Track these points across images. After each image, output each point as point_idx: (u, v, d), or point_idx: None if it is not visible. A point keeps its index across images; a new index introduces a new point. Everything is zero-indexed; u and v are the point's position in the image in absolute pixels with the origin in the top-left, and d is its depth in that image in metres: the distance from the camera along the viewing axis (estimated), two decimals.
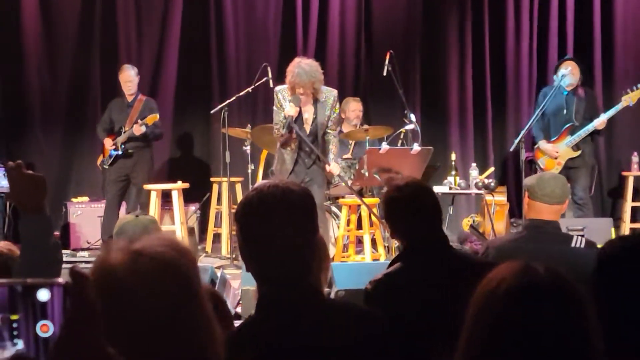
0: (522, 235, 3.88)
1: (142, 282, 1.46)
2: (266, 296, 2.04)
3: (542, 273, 1.60)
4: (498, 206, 8.31)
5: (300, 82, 6.49)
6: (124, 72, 8.52)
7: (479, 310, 1.61)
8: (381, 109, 9.63)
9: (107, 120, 8.56)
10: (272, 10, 9.88)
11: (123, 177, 8.39)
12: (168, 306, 1.47)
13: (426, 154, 7.28)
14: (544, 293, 1.57)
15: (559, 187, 3.88)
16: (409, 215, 3.05)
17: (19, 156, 9.54)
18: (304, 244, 2.02)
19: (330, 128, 6.80)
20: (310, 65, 6.55)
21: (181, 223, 8.10)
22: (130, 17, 9.76)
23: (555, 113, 8.12)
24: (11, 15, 9.52)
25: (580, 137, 7.99)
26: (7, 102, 9.60)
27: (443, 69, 10.00)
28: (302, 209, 2.04)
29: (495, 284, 1.60)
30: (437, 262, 2.97)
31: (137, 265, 1.48)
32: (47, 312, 1.25)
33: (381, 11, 9.98)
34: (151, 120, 8.21)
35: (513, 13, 9.94)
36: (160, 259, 1.50)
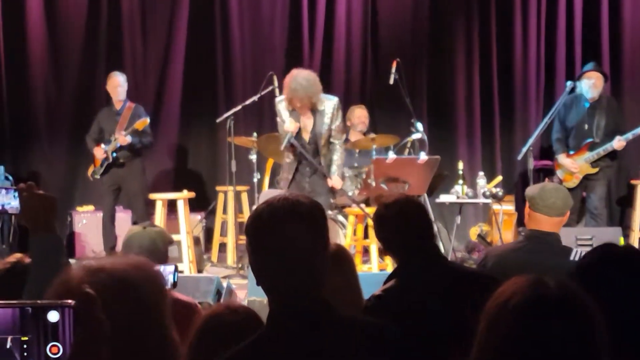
0: (522, 245, 3.89)
1: (100, 296, 1.44)
2: (276, 310, 2.02)
3: (553, 287, 1.60)
4: (506, 215, 8.28)
5: (297, 96, 6.45)
6: (112, 78, 8.47)
7: (490, 324, 1.61)
8: (388, 118, 9.60)
9: (97, 130, 8.49)
10: (278, 19, 9.87)
11: (115, 186, 8.38)
12: (120, 325, 1.44)
13: (433, 163, 7.24)
14: (555, 307, 1.57)
15: (560, 199, 3.86)
16: (398, 232, 3.09)
17: (25, 165, 9.59)
18: (314, 257, 2.00)
19: (335, 137, 6.76)
20: (307, 78, 6.49)
21: (187, 232, 8.07)
22: (135, 26, 9.76)
23: (577, 126, 8.05)
24: (17, 25, 9.53)
25: (599, 154, 7.93)
26: (13, 111, 9.60)
27: (450, 78, 9.97)
28: (312, 221, 2.01)
29: (506, 298, 1.60)
30: (431, 275, 2.99)
31: (94, 280, 1.47)
32: (57, 333, 1.27)
33: (388, 19, 9.96)
34: (141, 125, 8.17)
35: (520, 21, 9.91)
36: (119, 277, 1.49)
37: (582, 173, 8.01)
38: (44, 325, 1.26)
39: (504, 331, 1.57)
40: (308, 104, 6.53)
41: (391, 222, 3.11)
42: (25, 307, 1.27)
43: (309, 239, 1.99)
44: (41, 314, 1.26)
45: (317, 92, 6.54)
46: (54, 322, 1.26)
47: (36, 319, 1.26)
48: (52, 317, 1.26)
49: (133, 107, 8.43)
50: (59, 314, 1.26)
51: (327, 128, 6.69)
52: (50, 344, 1.26)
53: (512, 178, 9.83)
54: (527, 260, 3.66)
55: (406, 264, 3.07)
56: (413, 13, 9.94)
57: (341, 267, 2.95)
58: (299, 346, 1.97)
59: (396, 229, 3.09)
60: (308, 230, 1.99)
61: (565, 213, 3.89)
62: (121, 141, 8.13)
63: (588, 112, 8.03)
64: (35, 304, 1.27)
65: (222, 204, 8.90)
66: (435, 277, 2.96)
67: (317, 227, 2.03)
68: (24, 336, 1.26)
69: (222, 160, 9.08)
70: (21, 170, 9.49)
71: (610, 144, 7.86)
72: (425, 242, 3.09)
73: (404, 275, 3.05)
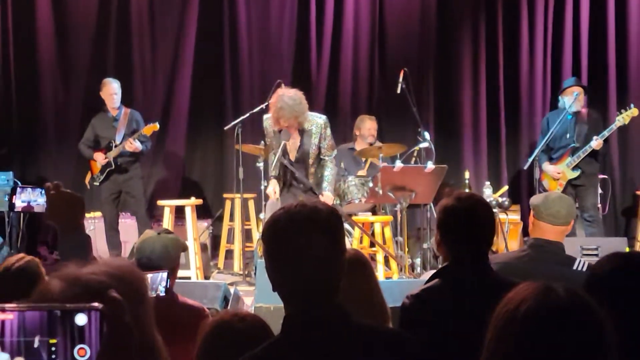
0: (525, 253, 3.88)
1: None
2: (292, 317, 2.02)
3: (562, 294, 1.59)
4: (512, 225, 8.30)
5: (283, 116, 6.47)
6: (107, 85, 8.46)
7: (499, 331, 1.61)
8: (394, 127, 9.62)
9: (91, 137, 8.49)
10: (285, 27, 9.90)
11: (116, 193, 8.40)
12: None
13: (440, 172, 7.27)
14: (564, 314, 1.57)
15: (565, 208, 3.87)
16: (462, 226, 3.00)
17: (33, 171, 9.63)
18: (331, 263, 2.01)
19: (325, 154, 6.77)
20: (293, 98, 6.50)
21: (194, 239, 8.10)
22: (144, 33, 9.80)
23: (560, 136, 8.22)
24: (26, 31, 9.60)
25: (579, 157, 8.06)
26: (22, 117, 9.66)
27: (456, 87, 9.98)
28: (329, 228, 2.02)
29: (515, 306, 1.60)
30: (476, 282, 2.94)
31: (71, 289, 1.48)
32: (84, 336, 1.29)
33: (395, 29, 9.98)
34: (150, 130, 8.21)
35: (527, 30, 9.92)
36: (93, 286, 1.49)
37: (564, 179, 8.10)
38: (71, 328, 1.28)
39: (513, 338, 1.57)
40: (294, 124, 6.55)
41: (459, 214, 3.02)
42: (53, 310, 1.29)
43: (325, 245, 1.99)
44: (69, 317, 1.29)
45: (303, 112, 6.56)
46: (81, 325, 1.29)
47: (64, 321, 1.29)
48: (80, 320, 1.29)
49: (129, 113, 8.47)
50: (86, 317, 1.29)
51: (315, 147, 6.71)
52: (77, 347, 1.28)
53: (518, 188, 9.84)
54: (530, 268, 3.66)
55: (455, 264, 3.01)
56: (420, 23, 9.96)
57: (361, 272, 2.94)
58: (314, 353, 1.97)
59: (461, 223, 3.01)
60: (325, 237, 2.00)
61: (569, 222, 3.90)
62: (132, 149, 8.14)
63: (570, 123, 8.16)
64: (64, 307, 1.30)
65: (229, 211, 8.93)
66: (480, 285, 2.91)
67: (334, 233, 2.03)
68: (52, 339, 1.29)
69: (229, 167, 9.11)
70: (29, 176, 9.52)
71: (589, 145, 7.98)
72: (481, 247, 3.02)
73: (450, 276, 3.00)
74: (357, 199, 7.71)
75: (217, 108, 9.85)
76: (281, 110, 6.45)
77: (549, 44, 9.95)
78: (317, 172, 6.84)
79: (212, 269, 8.69)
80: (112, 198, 8.39)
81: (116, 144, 8.26)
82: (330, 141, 6.86)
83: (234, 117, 8.36)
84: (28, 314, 1.29)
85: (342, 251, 2.06)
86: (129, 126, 8.32)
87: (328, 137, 6.80)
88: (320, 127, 6.71)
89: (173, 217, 8.26)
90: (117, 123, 8.38)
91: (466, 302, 2.84)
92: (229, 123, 8.11)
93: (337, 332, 1.99)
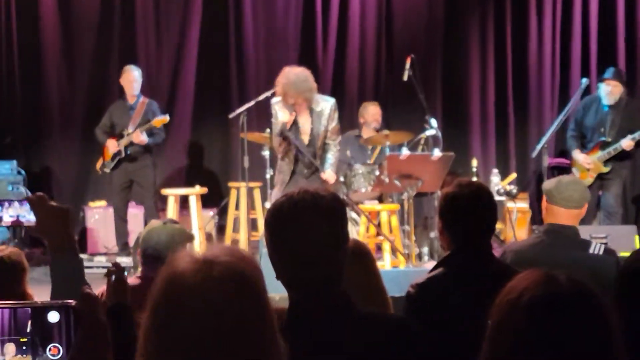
0: (540, 239, 3.84)
1: (216, 290, 1.41)
2: (296, 303, 2.02)
3: (564, 283, 1.58)
4: (520, 213, 8.22)
5: (289, 93, 6.52)
6: (128, 72, 8.41)
7: (501, 320, 1.60)
8: (401, 114, 9.54)
9: (108, 123, 8.45)
10: (292, 14, 9.84)
11: (127, 182, 8.34)
12: (238, 316, 1.41)
13: (447, 160, 7.20)
14: (566, 303, 1.55)
15: (577, 192, 3.82)
16: (464, 213, 3.00)
17: (37, 161, 9.59)
18: (334, 250, 2.01)
19: (330, 138, 6.81)
20: (298, 75, 6.56)
21: (199, 228, 8.05)
22: (149, 22, 9.74)
23: (594, 128, 8.01)
24: (30, 20, 9.54)
25: (609, 154, 7.86)
26: (26, 108, 9.61)
27: (464, 74, 9.91)
28: (332, 214, 2.03)
29: (517, 294, 1.59)
30: (481, 270, 2.93)
31: (211, 273, 1.41)
32: (57, 334, 1.23)
33: (402, 15, 9.91)
34: (159, 122, 8.13)
35: (536, 17, 9.84)
36: (233, 268, 1.44)
37: (595, 171, 7.94)
38: (42, 326, 1.21)
39: (515, 328, 1.56)
40: (300, 101, 6.57)
41: (461, 201, 3.02)
42: (24, 308, 1.23)
43: (328, 232, 2.00)
44: (41, 315, 1.22)
45: (309, 89, 6.59)
46: (53, 323, 1.22)
47: (36, 319, 1.22)
48: (52, 318, 1.22)
49: (147, 103, 8.38)
50: (59, 314, 1.22)
51: (324, 129, 6.74)
52: (50, 345, 1.22)
53: (526, 175, 9.77)
54: (546, 254, 3.63)
55: (458, 253, 3.01)
56: (427, 8, 9.89)
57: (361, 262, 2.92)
58: (317, 339, 1.96)
59: (463, 210, 3.00)
60: (328, 224, 2.00)
61: (583, 205, 3.84)
62: (137, 140, 8.06)
63: (606, 114, 7.98)
64: (35, 305, 1.23)
65: (234, 200, 8.87)
66: (484, 272, 2.90)
67: (336, 220, 2.03)
68: (22, 337, 1.22)
69: (234, 156, 9.06)
70: (34, 165, 9.49)
71: (619, 144, 7.78)
72: (484, 235, 3.02)
73: (453, 265, 2.99)
74: (364, 187, 7.64)
75: (223, 96, 9.79)
76: (286, 86, 6.50)
77: (557, 30, 9.87)
78: (321, 157, 6.85)
79: None
80: (122, 187, 8.34)
81: (128, 133, 8.20)
82: (337, 125, 6.89)
83: (239, 105, 8.29)
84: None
85: (345, 238, 2.05)
86: (144, 116, 8.25)
87: (336, 121, 6.83)
88: (330, 109, 6.75)
89: (178, 206, 8.21)
90: (132, 112, 8.32)
91: (470, 290, 2.83)
92: (234, 111, 8.04)
93: (340, 318, 1.99)
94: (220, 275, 1.41)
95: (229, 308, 1.40)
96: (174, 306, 1.37)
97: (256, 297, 1.46)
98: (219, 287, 1.40)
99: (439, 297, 2.84)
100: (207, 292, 1.40)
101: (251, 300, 1.44)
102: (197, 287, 1.40)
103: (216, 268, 1.42)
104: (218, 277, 1.41)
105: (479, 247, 2.99)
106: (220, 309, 1.40)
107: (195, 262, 1.43)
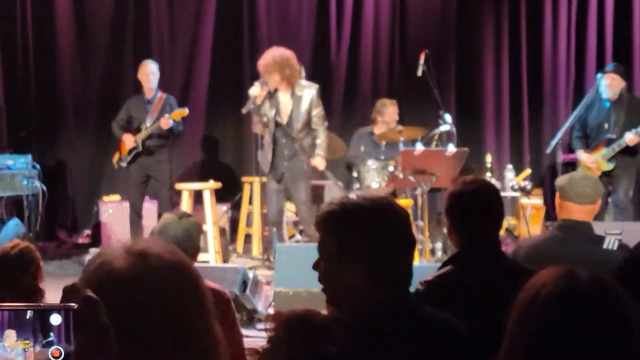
0: (554, 235, 3.84)
1: (152, 281, 1.40)
2: (375, 303, 2.10)
3: (585, 278, 1.58)
4: (534, 209, 8.19)
5: (264, 69, 6.82)
6: (144, 66, 8.40)
7: (521, 316, 1.60)
8: (415, 110, 9.52)
9: (124, 117, 8.43)
10: (305, 10, 9.83)
11: (144, 177, 8.34)
12: (178, 306, 1.41)
13: (462, 155, 7.18)
14: (588, 298, 1.55)
15: (590, 187, 3.82)
16: (471, 211, 2.99)
17: (52, 155, 9.63)
18: (409, 252, 2.19)
19: (317, 124, 7.02)
20: (274, 55, 6.87)
21: (213, 223, 8.05)
22: (162, 16, 9.76)
23: (597, 125, 7.96)
24: (45, 14, 9.58)
25: (614, 150, 7.82)
26: (40, 102, 9.66)
27: (478, 69, 9.88)
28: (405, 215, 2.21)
29: (537, 290, 1.59)
30: (490, 268, 2.92)
31: (146, 265, 1.41)
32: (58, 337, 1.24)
33: (415, 11, 9.89)
34: (178, 115, 8.13)
35: (551, 11, 9.79)
36: (168, 259, 1.43)
37: (599, 170, 7.90)
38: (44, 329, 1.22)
39: (535, 324, 1.56)
40: (275, 78, 6.81)
41: (466, 199, 3.01)
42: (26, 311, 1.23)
43: (411, 232, 2.22)
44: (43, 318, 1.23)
45: (285, 67, 6.83)
46: (55, 326, 1.22)
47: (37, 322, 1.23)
48: (55, 321, 1.22)
49: (164, 98, 8.39)
50: (61, 317, 1.22)
51: (305, 114, 6.93)
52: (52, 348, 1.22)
53: (541, 171, 9.74)
54: (560, 249, 3.63)
55: (466, 250, 3.00)
56: (442, 3, 9.86)
57: None
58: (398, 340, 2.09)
59: (469, 208, 3.00)
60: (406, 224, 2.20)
61: (596, 201, 3.83)
62: (163, 124, 8.04)
63: (608, 111, 7.94)
64: (38, 307, 1.23)
65: (248, 194, 8.88)
66: (493, 270, 2.90)
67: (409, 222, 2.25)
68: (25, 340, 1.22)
69: (248, 151, 9.07)
70: (48, 159, 9.53)
71: (623, 139, 7.73)
72: (491, 232, 3.01)
73: (462, 262, 2.98)
74: (377, 182, 7.63)
75: (236, 91, 9.79)
76: (263, 61, 6.84)
77: (572, 25, 9.82)
78: (303, 141, 7.00)
79: (231, 253, 8.65)
80: (139, 182, 8.33)
81: (145, 127, 8.20)
82: (322, 111, 7.09)
83: None
84: None
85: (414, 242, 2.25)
86: (162, 111, 8.25)
87: (319, 107, 7.04)
88: (311, 94, 6.97)
89: (192, 201, 8.22)
90: (150, 106, 8.32)
91: (479, 288, 2.84)
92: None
93: (408, 320, 2.12)
94: (157, 266, 1.41)
95: (169, 297, 1.40)
96: (112, 300, 1.34)
97: (193, 284, 1.46)
98: (156, 278, 1.40)
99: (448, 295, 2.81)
100: (145, 283, 1.39)
101: (188, 288, 1.44)
102: (134, 279, 1.39)
103: (151, 259, 1.42)
104: (154, 268, 1.41)
105: (487, 244, 2.98)
106: (160, 299, 1.39)
107: (127, 255, 1.43)
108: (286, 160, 6.99)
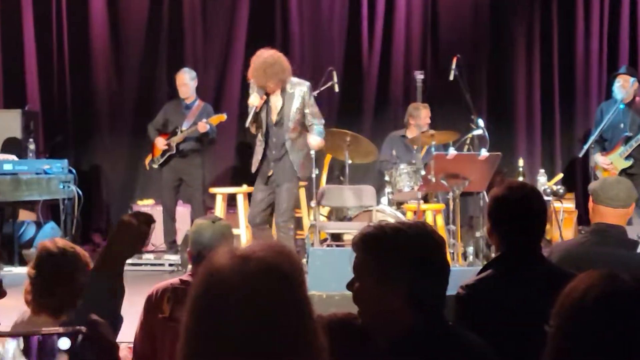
0: (587, 239, 3.82)
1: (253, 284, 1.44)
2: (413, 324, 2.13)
3: (628, 280, 1.57)
4: (566, 213, 8.15)
5: (255, 76, 6.69)
6: (179, 75, 8.54)
7: (566, 321, 1.59)
8: (447, 114, 9.51)
9: (161, 120, 8.56)
10: (337, 15, 9.86)
11: (177, 180, 8.43)
12: (273, 308, 1.44)
13: (494, 160, 7.17)
14: (633, 300, 1.55)
15: (623, 191, 3.79)
16: (514, 217, 2.96)
17: (87, 160, 9.75)
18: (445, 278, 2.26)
19: (312, 122, 6.90)
20: (266, 60, 6.71)
21: (246, 227, 8.11)
22: (196, 22, 9.85)
23: (614, 127, 8.01)
24: (81, 22, 9.72)
25: (632, 147, 7.82)
26: (75, 107, 9.78)
27: (510, 73, 9.85)
28: None
29: (581, 294, 1.58)
30: (531, 272, 2.90)
31: (245, 268, 1.45)
32: None
33: (448, 15, 9.88)
34: (217, 120, 8.23)
35: (582, 16, 9.73)
36: (269, 262, 1.47)
37: (616, 168, 7.90)
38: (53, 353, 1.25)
39: (582, 327, 1.55)
40: (265, 83, 6.69)
41: (512, 206, 2.98)
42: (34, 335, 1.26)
43: None
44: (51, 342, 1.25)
45: (276, 74, 6.69)
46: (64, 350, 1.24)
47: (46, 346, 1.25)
48: (63, 345, 1.25)
49: (202, 106, 8.52)
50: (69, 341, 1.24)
51: (297, 111, 6.82)
52: None
53: (573, 175, 9.68)
54: (593, 254, 3.60)
55: (507, 255, 2.97)
56: (473, 8, 9.84)
57: None
58: None
59: (514, 215, 2.96)
60: None
61: (629, 205, 3.81)
62: (201, 127, 8.14)
63: (623, 112, 7.96)
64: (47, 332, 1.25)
65: None
66: (534, 274, 2.88)
67: None
68: None
69: None
70: (83, 164, 9.65)
71: (639, 136, 7.76)
72: (534, 237, 2.98)
73: (503, 266, 2.96)
74: (408, 187, 7.64)
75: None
76: (254, 70, 6.68)
77: (605, 29, 9.76)
78: (296, 140, 6.90)
79: None
80: (173, 185, 8.43)
81: (182, 130, 8.31)
82: (316, 109, 6.98)
83: None
84: None
85: None
86: (199, 117, 8.35)
87: (312, 104, 6.93)
88: (303, 92, 6.86)
89: (225, 205, 8.29)
90: (188, 111, 8.44)
91: (521, 292, 2.81)
92: None
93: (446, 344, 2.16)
94: (256, 270, 1.44)
95: (266, 301, 1.43)
96: (214, 301, 1.40)
97: (292, 290, 1.48)
98: (255, 282, 1.43)
99: (490, 299, 2.81)
100: (245, 286, 1.43)
101: (288, 293, 1.46)
102: (235, 281, 1.43)
103: (252, 263, 1.45)
104: (254, 272, 1.44)
105: (529, 249, 2.95)
106: (258, 303, 1.42)
107: (232, 257, 1.47)
108: (273, 160, 6.93)
